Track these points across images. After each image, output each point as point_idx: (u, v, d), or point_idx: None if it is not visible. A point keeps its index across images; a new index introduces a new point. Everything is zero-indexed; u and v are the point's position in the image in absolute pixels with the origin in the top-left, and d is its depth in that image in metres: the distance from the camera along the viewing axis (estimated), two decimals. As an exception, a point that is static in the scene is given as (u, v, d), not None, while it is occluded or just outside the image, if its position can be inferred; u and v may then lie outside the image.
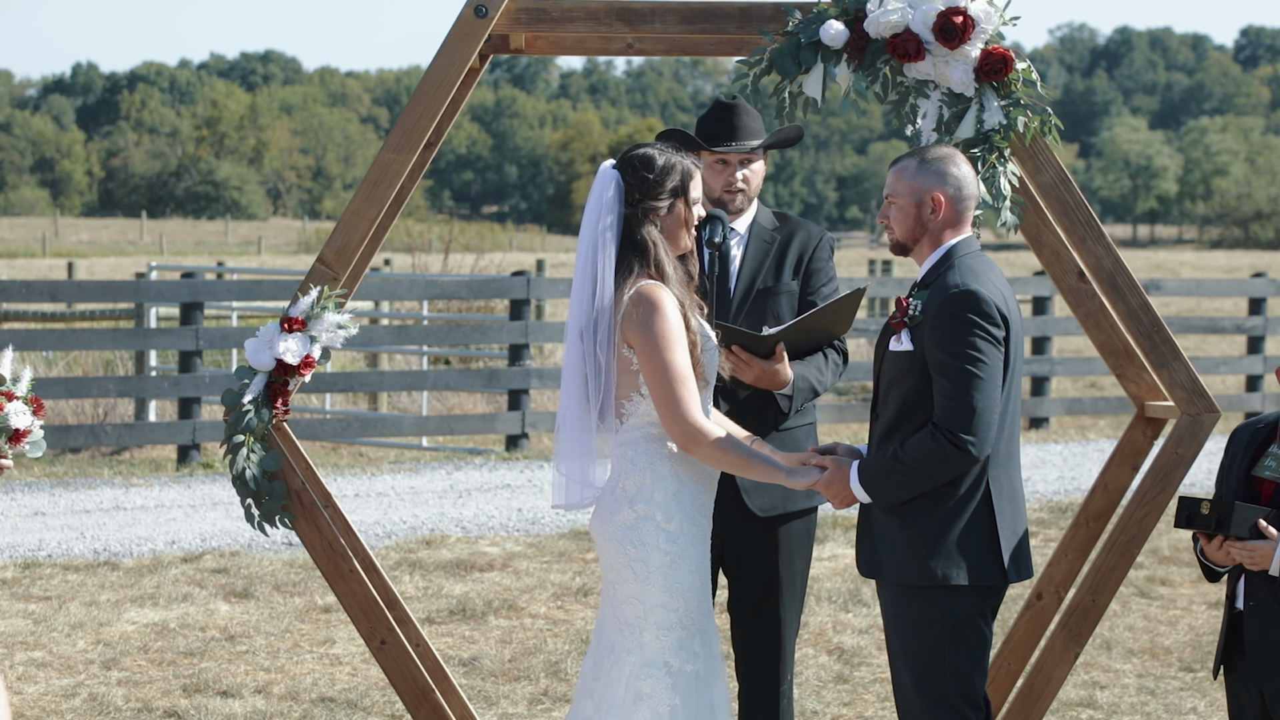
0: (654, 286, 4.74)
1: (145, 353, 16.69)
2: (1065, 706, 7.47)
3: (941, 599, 4.73)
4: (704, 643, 4.83)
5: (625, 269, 4.77)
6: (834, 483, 4.81)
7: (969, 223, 4.87)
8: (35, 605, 9.11)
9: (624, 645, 4.78)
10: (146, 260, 42.50)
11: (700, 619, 4.82)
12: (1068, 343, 24.38)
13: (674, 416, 4.71)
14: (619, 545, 4.79)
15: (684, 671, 4.77)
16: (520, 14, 5.54)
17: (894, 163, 4.88)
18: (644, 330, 4.70)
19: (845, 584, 9.71)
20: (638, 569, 4.77)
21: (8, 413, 4.77)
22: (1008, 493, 4.79)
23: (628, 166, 4.85)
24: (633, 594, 4.78)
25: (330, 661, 8.16)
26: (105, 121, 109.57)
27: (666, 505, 4.78)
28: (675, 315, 4.73)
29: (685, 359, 4.72)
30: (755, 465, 4.79)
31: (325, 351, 5.54)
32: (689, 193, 4.83)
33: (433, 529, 11.56)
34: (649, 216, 4.81)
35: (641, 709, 4.73)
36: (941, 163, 4.82)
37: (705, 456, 4.75)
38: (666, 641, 4.76)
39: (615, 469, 4.85)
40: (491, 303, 19.58)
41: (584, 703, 4.86)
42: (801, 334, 5.37)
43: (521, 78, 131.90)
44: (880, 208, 4.91)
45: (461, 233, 40.68)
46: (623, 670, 4.77)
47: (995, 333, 4.67)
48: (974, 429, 4.62)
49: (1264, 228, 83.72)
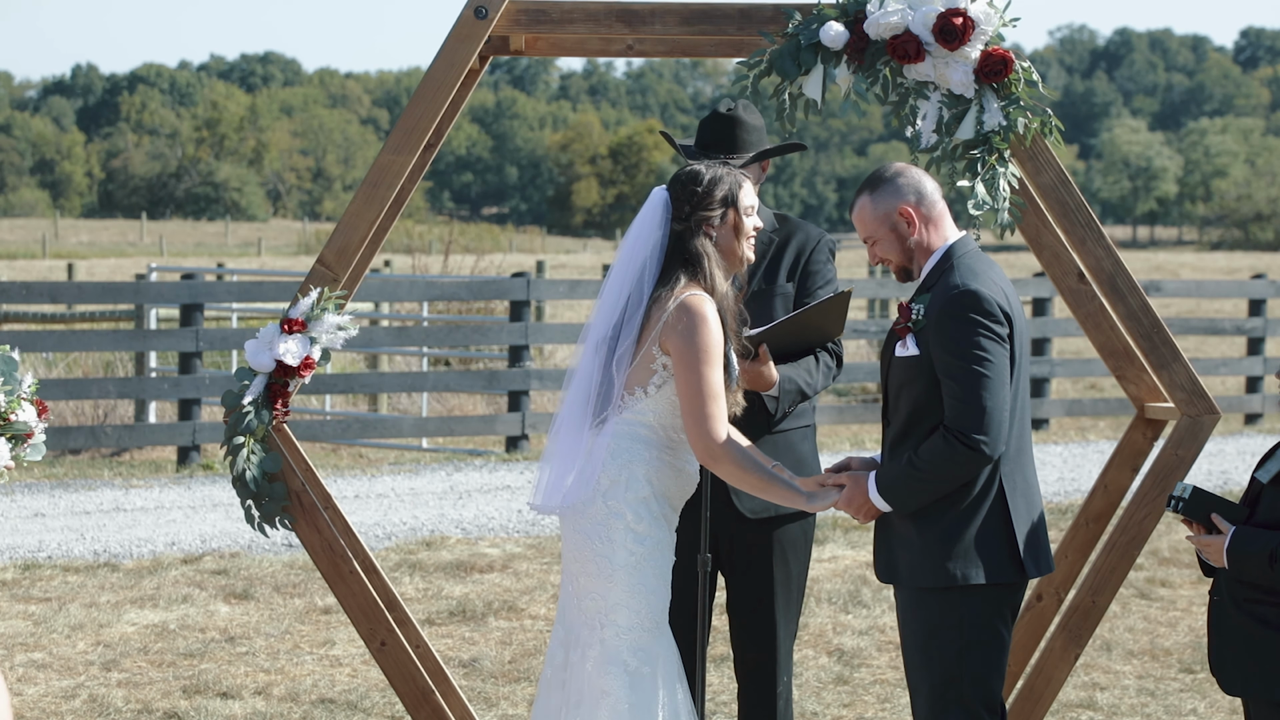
0: (700, 298, 4.74)
1: (145, 354, 16.69)
2: (1065, 708, 7.47)
3: (959, 601, 4.72)
4: (664, 646, 4.80)
5: (668, 279, 4.78)
6: (854, 498, 4.81)
7: (948, 216, 4.88)
8: (35, 607, 9.11)
9: (586, 639, 4.79)
10: (146, 261, 42.49)
11: (661, 622, 4.81)
12: (1068, 344, 24.39)
13: (700, 431, 4.71)
14: (586, 538, 4.79)
15: (641, 672, 4.75)
16: (520, 15, 5.54)
17: (851, 208, 4.91)
18: (686, 341, 4.70)
19: (845, 585, 9.71)
20: (601, 565, 4.77)
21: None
22: (1021, 488, 4.80)
23: (676, 184, 4.89)
24: (593, 589, 4.78)
25: (330, 663, 8.16)
26: (105, 123, 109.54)
27: (637, 506, 4.77)
28: (718, 330, 4.74)
29: (719, 375, 4.72)
30: (775, 488, 4.80)
31: (325, 353, 5.54)
32: (740, 201, 4.86)
33: (433, 530, 11.56)
34: (702, 228, 4.82)
35: (603, 706, 4.73)
36: (888, 182, 4.86)
37: (726, 474, 4.77)
38: (625, 641, 4.75)
39: (594, 458, 4.81)
40: (491, 304, 19.58)
41: (554, 693, 4.84)
42: (789, 335, 5.33)
43: (521, 79, 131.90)
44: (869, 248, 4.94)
45: (461, 234, 40.70)
46: (585, 665, 4.78)
47: (999, 330, 4.67)
48: (986, 428, 4.62)
49: (1264, 229, 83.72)
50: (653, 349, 4.75)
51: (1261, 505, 4.76)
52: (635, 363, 4.78)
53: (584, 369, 4.85)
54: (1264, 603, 4.71)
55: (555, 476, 4.86)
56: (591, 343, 4.83)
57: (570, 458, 4.84)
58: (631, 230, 4.89)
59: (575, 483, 4.82)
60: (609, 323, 4.80)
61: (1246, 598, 4.73)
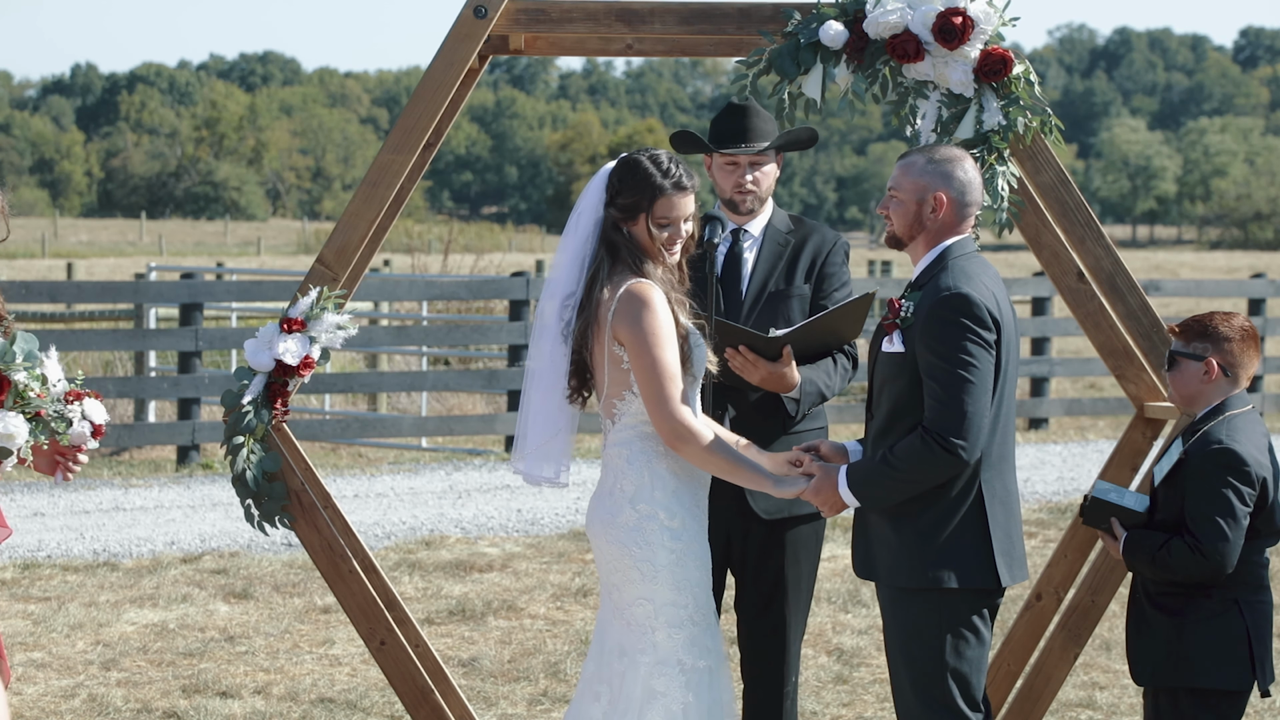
0: (643, 284, 4.74)
1: (144, 353, 16.68)
2: (1065, 707, 7.47)
3: (938, 601, 4.72)
4: (712, 638, 4.83)
5: (599, 264, 4.79)
6: (822, 489, 4.79)
7: (969, 226, 4.84)
8: (35, 606, 9.11)
9: (636, 646, 4.77)
10: (146, 261, 42.49)
11: (709, 614, 4.83)
12: (1067, 343, 24.38)
13: (663, 414, 4.70)
14: (623, 547, 4.78)
15: (697, 668, 4.77)
16: (519, 15, 5.55)
17: (902, 156, 4.85)
18: (634, 326, 4.71)
19: (845, 585, 9.71)
20: (645, 569, 4.76)
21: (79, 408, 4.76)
22: (1001, 496, 4.77)
23: (616, 165, 4.88)
24: (641, 595, 4.77)
25: (330, 662, 8.16)
26: (105, 122, 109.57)
27: (668, 503, 4.78)
28: (665, 312, 4.73)
29: (675, 356, 4.72)
30: (742, 470, 4.77)
31: (324, 352, 5.54)
32: (651, 212, 4.79)
33: (432, 530, 11.56)
34: (615, 221, 4.82)
35: (655, 707, 4.72)
36: (949, 164, 4.79)
37: (692, 456, 4.74)
38: (679, 639, 4.76)
39: (611, 470, 4.84)
40: (491, 303, 19.58)
41: (590, 706, 4.84)
42: (810, 337, 5.35)
43: (521, 78, 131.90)
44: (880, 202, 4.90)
45: (461, 233, 40.64)
46: (638, 672, 4.76)
47: (986, 336, 4.64)
48: (964, 433, 4.59)
49: (1263, 228, 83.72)
50: (612, 347, 4.76)
51: (1158, 502, 4.93)
52: (607, 367, 4.79)
53: (550, 329, 4.86)
54: (1167, 593, 4.88)
55: (535, 441, 4.88)
56: (555, 302, 4.84)
57: (547, 421, 4.87)
58: (580, 200, 4.91)
59: (596, 494, 4.85)
60: (563, 289, 4.83)
61: (1157, 590, 4.90)
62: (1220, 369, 4.91)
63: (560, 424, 4.91)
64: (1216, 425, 4.86)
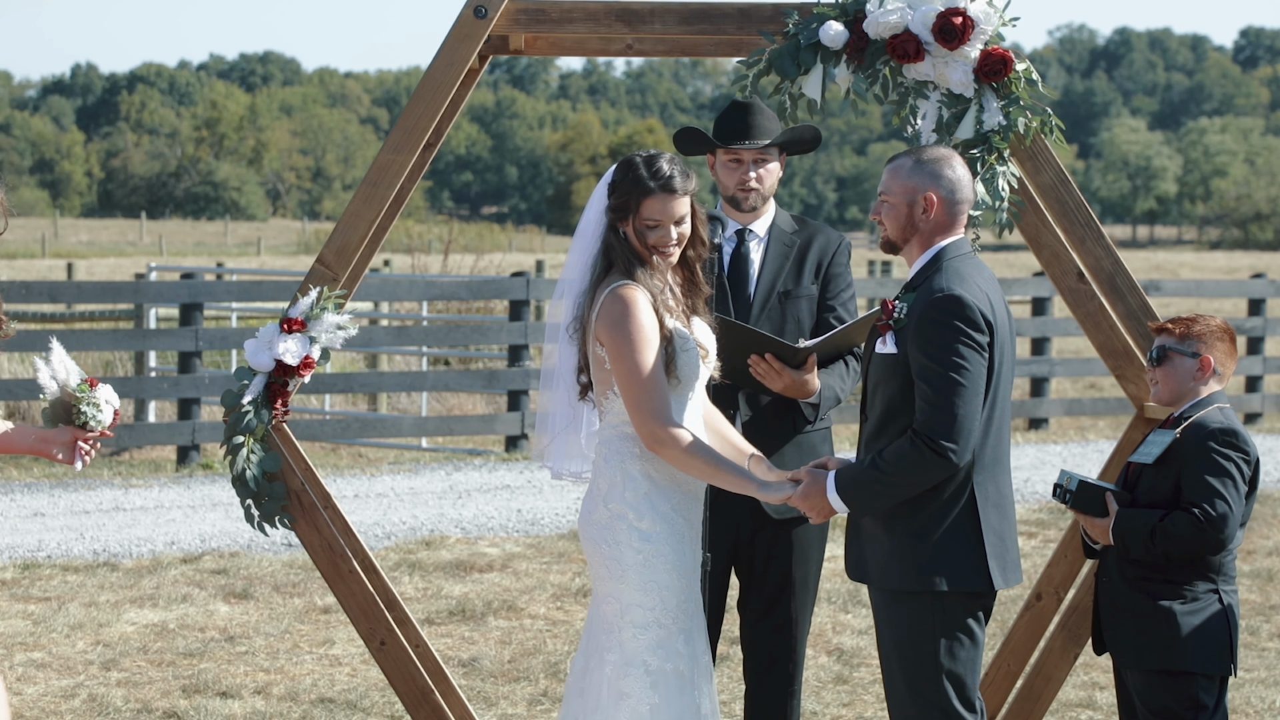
0: (628, 287, 4.75)
1: (145, 353, 16.68)
2: (1065, 707, 7.47)
3: (930, 604, 4.70)
4: (688, 643, 4.80)
5: (596, 266, 4.82)
6: (810, 495, 4.75)
7: (962, 225, 4.81)
8: (35, 606, 9.11)
9: (605, 644, 4.79)
10: (146, 261, 42.48)
11: (682, 619, 4.80)
12: (1067, 343, 24.38)
13: (640, 417, 4.70)
14: (595, 544, 4.82)
15: (664, 670, 4.75)
16: (520, 15, 5.55)
17: (891, 160, 4.84)
18: (612, 329, 4.72)
19: (844, 585, 9.71)
20: (612, 568, 4.78)
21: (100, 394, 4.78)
22: (994, 498, 4.74)
23: (615, 165, 4.89)
24: (609, 592, 4.79)
25: (330, 662, 8.16)
26: (105, 122, 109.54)
27: (638, 504, 4.78)
28: (647, 316, 4.72)
29: (652, 360, 4.70)
30: (723, 473, 4.75)
31: (324, 352, 5.55)
32: (638, 212, 4.79)
33: (432, 530, 11.56)
34: (611, 221, 4.84)
35: (623, 709, 4.73)
36: (937, 164, 4.77)
37: (671, 459, 4.72)
38: (644, 640, 4.75)
39: (594, 468, 4.88)
40: (491, 303, 19.58)
41: (574, 701, 4.86)
42: (829, 346, 5.42)
43: (521, 78, 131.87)
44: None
45: (461, 233, 40.63)
46: (604, 670, 4.77)
47: (979, 339, 4.61)
48: (955, 436, 4.57)
49: (1263, 228, 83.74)
50: (597, 349, 4.77)
51: (1141, 487, 4.99)
52: (593, 367, 4.80)
53: (559, 328, 4.91)
54: (1151, 579, 4.94)
55: (560, 439, 4.94)
56: (569, 299, 4.88)
57: (561, 418, 4.93)
58: (590, 199, 4.96)
59: (586, 493, 4.86)
60: (575, 283, 4.86)
61: (1136, 575, 4.95)
62: (1213, 366, 5.05)
63: (573, 421, 4.93)
64: (1211, 412, 4.99)
